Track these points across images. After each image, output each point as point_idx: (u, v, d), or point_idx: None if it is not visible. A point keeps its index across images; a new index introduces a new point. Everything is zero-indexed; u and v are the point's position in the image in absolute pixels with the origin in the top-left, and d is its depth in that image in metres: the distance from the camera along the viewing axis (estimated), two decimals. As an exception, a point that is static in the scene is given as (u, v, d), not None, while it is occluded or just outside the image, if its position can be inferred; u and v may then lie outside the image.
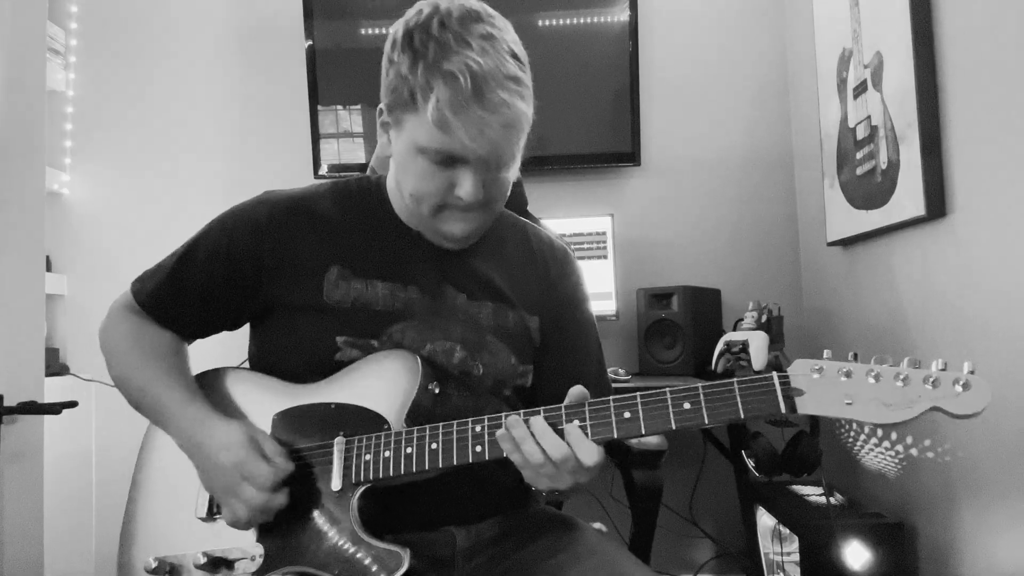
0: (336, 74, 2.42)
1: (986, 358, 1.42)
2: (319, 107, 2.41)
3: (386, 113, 0.99)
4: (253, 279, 1.02)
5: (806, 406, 0.77)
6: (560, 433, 0.84)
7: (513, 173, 0.99)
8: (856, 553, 1.66)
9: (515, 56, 0.93)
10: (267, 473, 0.90)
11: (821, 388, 0.77)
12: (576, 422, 0.84)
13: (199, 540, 0.95)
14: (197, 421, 0.96)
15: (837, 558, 1.65)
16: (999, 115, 1.37)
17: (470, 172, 0.94)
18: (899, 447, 1.78)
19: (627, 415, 0.83)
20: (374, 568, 0.87)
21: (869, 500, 1.94)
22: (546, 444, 0.83)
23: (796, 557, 1.74)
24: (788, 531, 1.81)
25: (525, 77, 0.94)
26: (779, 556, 1.87)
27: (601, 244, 2.23)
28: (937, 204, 1.55)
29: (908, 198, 1.63)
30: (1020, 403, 1.29)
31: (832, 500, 1.79)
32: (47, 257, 2.34)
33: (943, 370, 0.73)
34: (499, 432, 0.86)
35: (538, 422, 0.84)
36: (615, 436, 0.83)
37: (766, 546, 1.98)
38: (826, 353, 0.79)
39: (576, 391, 0.87)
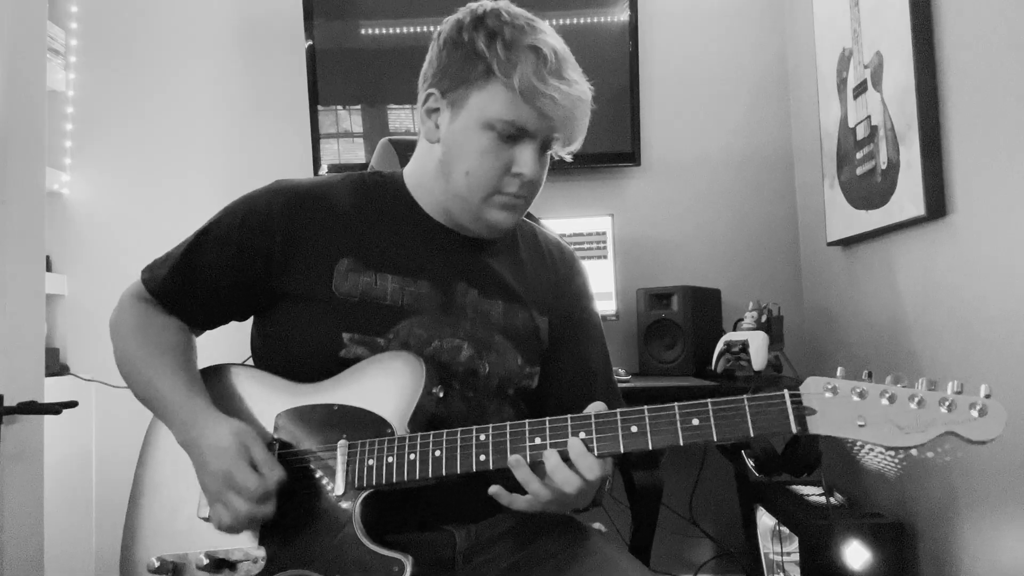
0: (336, 74, 2.42)
1: (986, 359, 1.42)
2: (319, 107, 2.40)
3: (439, 97, 1.00)
4: (263, 269, 1.01)
5: (818, 426, 0.75)
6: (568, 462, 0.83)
7: (570, 152, 1.03)
8: (856, 553, 1.66)
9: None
10: (254, 484, 0.88)
11: (833, 408, 0.75)
12: (582, 435, 0.83)
13: (202, 540, 0.94)
14: (194, 416, 0.95)
15: (837, 558, 1.65)
16: (999, 115, 1.37)
17: (532, 148, 0.98)
18: (899, 447, 1.77)
19: (634, 429, 0.82)
20: (376, 574, 0.86)
21: (869, 500, 1.94)
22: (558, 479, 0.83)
23: (796, 557, 1.74)
24: (788, 531, 1.81)
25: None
26: (779, 556, 1.87)
27: (601, 244, 2.23)
28: (937, 204, 1.55)
29: (908, 198, 1.63)
30: (1020, 404, 1.29)
31: (832, 500, 1.79)
32: (47, 257, 2.34)
33: (959, 393, 0.72)
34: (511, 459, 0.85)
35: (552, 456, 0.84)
36: (621, 451, 0.82)
37: (766, 546, 1.98)
38: (839, 371, 0.77)
39: (595, 408, 0.86)
